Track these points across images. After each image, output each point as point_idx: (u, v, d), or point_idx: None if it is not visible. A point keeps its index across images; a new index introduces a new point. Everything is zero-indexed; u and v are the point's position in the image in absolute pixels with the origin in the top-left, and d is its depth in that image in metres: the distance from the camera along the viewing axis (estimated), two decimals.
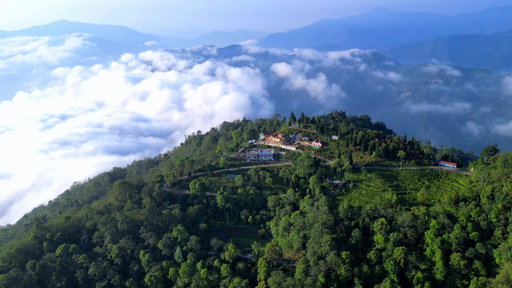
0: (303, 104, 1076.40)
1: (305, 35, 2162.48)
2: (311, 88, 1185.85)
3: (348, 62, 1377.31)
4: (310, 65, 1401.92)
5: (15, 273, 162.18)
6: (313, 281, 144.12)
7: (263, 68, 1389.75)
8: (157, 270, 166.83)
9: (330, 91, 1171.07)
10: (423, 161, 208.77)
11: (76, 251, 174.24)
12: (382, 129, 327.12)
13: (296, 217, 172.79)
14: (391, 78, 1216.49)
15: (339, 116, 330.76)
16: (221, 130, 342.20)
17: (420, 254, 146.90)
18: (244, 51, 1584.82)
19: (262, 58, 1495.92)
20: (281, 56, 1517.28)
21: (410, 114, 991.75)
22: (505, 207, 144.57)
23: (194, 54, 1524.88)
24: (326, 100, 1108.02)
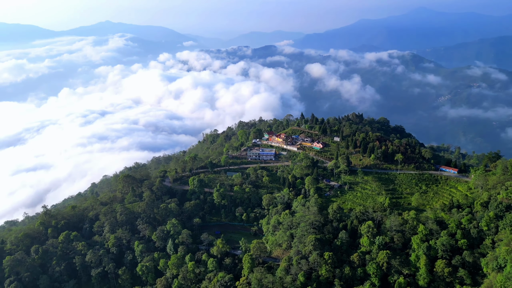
0: (334, 106, 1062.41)
1: (342, 36, 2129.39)
2: (344, 90, 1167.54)
3: (385, 64, 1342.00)
4: (345, 66, 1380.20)
5: (20, 256, 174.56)
6: (292, 280, 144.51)
7: (296, 68, 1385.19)
8: (148, 260, 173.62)
9: (364, 93, 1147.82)
10: (423, 166, 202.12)
11: (77, 239, 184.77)
12: (400, 133, 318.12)
13: (285, 216, 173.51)
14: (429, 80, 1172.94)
15: (356, 118, 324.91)
16: (236, 129, 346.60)
17: (405, 259, 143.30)
18: (279, 52, 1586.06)
19: (296, 59, 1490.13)
20: (315, 57, 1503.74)
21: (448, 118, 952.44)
22: (497, 216, 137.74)
23: (229, 54, 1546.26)
24: (359, 102, 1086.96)
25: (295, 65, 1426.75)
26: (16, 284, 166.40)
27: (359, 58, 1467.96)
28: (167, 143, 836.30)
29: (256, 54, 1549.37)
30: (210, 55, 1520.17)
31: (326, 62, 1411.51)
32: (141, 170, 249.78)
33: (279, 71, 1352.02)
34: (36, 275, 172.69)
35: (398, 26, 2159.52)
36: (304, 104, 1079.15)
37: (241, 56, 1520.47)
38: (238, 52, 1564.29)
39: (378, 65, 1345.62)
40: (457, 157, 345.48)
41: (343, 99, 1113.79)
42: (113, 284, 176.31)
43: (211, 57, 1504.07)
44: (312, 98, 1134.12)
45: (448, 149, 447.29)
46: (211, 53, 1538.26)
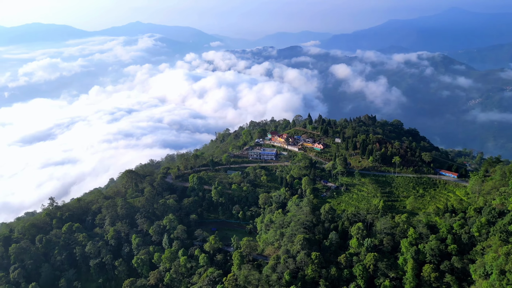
0: (358, 107, 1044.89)
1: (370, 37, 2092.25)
2: (369, 91, 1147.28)
3: (413, 65, 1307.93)
4: (372, 67, 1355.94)
5: (25, 244, 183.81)
6: (278, 278, 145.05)
7: (321, 69, 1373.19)
8: (144, 253, 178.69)
9: (390, 95, 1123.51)
10: (422, 169, 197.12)
11: (79, 230, 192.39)
12: (414, 136, 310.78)
13: (278, 215, 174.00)
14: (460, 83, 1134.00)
15: (369, 120, 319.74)
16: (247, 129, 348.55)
17: (393, 262, 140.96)
18: (304, 52, 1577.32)
19: (321, 60, 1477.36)
20: (341, 58, 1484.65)
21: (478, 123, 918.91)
22: (489, 222, 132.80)
23: (254, 54, 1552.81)
24: (383, 104, 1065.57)
25: (320, 66, 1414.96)
26: (19, 271, 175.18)
27: (387, 59, 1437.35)
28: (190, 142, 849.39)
29: (281, 55, 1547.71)
30: (235, 55, 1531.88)
31: (352, 63, 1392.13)
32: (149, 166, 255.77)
33: (303, 71, 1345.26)
34: (39, 263, 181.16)
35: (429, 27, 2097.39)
36: (327, 105, 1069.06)
37: (266, 57, 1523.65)
38: (263, 53, 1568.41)
39: (406, 67, 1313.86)
40: (478, 163, 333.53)
41: (367, 101, 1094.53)
42: (111, 275, 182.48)
43: (236, 57, 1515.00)
44: (335, 99, 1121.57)
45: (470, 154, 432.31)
46: (236, 53, 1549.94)
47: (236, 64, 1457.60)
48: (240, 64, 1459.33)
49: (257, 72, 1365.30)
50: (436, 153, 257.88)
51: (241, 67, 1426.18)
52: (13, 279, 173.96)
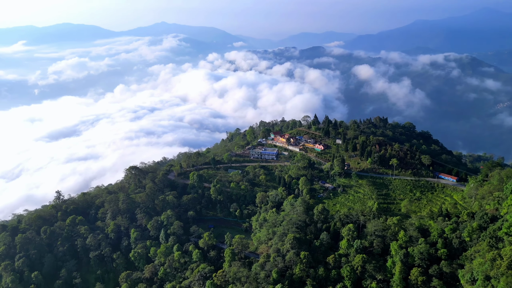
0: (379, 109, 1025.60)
1: (396, 37, 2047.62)
2: (392, 93, 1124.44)
3: (439, 67, 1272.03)
4: (396, 68, 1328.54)
5: (31, 235, 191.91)
6: (266, 276, 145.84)
7: (343, 70, 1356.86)
8: (141, 248, 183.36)
9: (413, 97, 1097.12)
10: (420, 172, 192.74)
11: (81, 223, 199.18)
12: (426, 139, 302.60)
13: (272, 214, 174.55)
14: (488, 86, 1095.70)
15: (380, 122, 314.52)
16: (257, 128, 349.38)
17: (382, 264, 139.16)
18: (327, 53, 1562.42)
19: (344, 60, 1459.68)
20: (365, 59, 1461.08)
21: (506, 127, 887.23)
22: (481, 227, 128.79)
23: (276, 55, 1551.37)
24: (406, 106, 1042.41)
25: (343, 66, 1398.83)
26: (24, 260, 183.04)
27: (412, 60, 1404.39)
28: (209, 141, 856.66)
29: (303, 55, 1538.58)
30: (257, 55, 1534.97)
31: (375, 64, 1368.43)
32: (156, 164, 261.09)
33: (325, 72, 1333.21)
34: (43, 253, 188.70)
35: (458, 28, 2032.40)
36: (348, 106, 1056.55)
37: (288, 57, 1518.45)
38: (285, 53, 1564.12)
39: (431, 68, 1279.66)
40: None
41: (389, 103, 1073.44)
42: (110, 267, 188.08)
43: (258, 58, 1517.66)
44: (356, 101, 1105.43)
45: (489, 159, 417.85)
46: (258, 54, 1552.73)
47: (257, 64, 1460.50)
48: (262, 64, 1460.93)
49: (278, 72, 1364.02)
50: (447, 157, 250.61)
51: (263, 67, 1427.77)
52: (18, 267, 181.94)
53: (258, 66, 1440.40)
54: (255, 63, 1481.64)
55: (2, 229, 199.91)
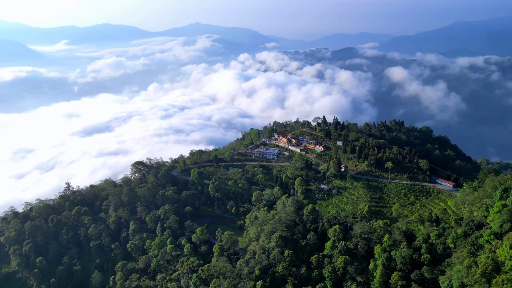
0: (410, 112, 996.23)
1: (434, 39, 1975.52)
2: (425, 96, 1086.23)
3: (478, 70, 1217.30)
4: (431, 71, 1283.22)
5: (39, 223, 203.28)
6: (249, 272, 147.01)
7: (376, 72, 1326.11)
8: (138, 239, 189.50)
9: (448, 100, 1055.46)
10: (417, 176, 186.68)
11: (85, 213, 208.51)
12: (443, 144, 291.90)
13: (263, 213, 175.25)
14: None
15: (396, 125, 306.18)
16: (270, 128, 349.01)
17: (364, 267, 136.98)
18: (360, 55, 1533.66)
19: (377, 62, 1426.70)
20: (399, 61, 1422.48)
21: None
22: (466, 233, 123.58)
23: (307, 56, 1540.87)
24: (439, 110, 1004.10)
25: (375, 68, 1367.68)
26: (31, 246, 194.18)
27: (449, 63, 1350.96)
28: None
29: (335, 56, 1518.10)
30: (288, 56, 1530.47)
31: (410, 66, 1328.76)
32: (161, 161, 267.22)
33: (356, 74, 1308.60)
34: (49, 240, 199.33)
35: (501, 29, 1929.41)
36: (377, 109, 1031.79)
37: (319, 58, 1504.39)
38: (317, 54, 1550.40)
39: (469, 71, 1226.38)
40: None
41: (421, 106, 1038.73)
42: (109, 257, 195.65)
43: (289, 58, 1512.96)
44: (387, 103, 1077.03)
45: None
46: (289, 54, 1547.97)
47: (288, 65, 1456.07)
48: (292, 65, 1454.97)
49: (309, 73, 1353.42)
50: (461, 163, 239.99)
51: (293, 68, 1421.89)
52: (25, 252, 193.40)
53: (288, 67, 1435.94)
54: (286, 63, 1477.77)
55: (14, 216, 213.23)
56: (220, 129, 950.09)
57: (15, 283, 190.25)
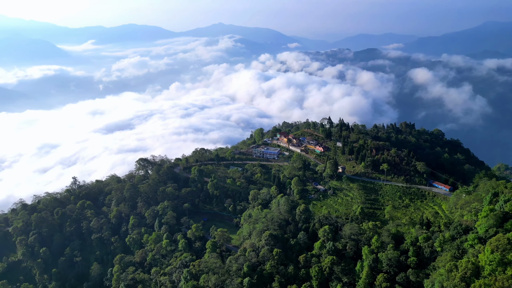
0: (433, 115, 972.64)
1: (461, 40, 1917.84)
2: (449, 99, 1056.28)
3: (507, 72, 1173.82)
4: (457, 73, 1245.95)
5: (45, 215, 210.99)
6: (238, 269, 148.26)
7: (399, 73, 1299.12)
8: (136, 234, 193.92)
9: (473, 103, 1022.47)
10: (413, 179, 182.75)
11: (89, 207, 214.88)
12: (454, 148, 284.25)
13: (257, 211, 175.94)
14: None
15: (406, 128, 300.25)
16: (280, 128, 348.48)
17: (352, 267, 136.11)
18: (383, 56, 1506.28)
19: (401, 63, 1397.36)
20: (423, 62, 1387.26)
21: None
22: (453, 237, 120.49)
23: (328, 56, 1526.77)
24: (463, 113, 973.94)
25: (398, 70, 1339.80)
26: (36, 237, 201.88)
27: (476, 64, 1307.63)
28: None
29: (357, 57, 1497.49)
30: (309, 56, 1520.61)
31: (435, 67, 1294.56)
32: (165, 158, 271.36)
33: (378, 75, 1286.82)
34: (53, 232, 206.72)
35: None
36: (398, 111, 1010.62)
37: (341, 59, 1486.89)
38: (338, 55, 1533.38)
39: (497, 74, 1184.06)
40: None
41: (444, 109, 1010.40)
42: (109, 250, 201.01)
43: (310, 59, 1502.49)
44: (408, 106, 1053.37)
45: None
46: (310, 55, 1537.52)
47: (309, 65, 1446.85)
48: (313, 65, 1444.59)
49: (329, 74, 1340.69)
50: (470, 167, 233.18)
51: (314, 69, 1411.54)
52: (30, 242, 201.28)
53: (309, 67, 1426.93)
54: (307, 64, 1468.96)
55: (23, 208, 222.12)
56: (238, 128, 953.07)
57: (21, 271, 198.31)
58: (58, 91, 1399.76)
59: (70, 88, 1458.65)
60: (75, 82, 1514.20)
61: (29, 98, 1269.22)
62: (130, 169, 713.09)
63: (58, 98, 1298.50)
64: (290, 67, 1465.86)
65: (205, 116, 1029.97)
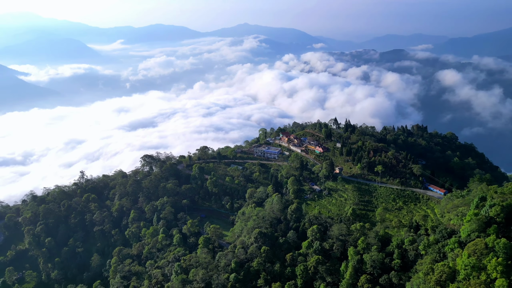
0: (460, 118, 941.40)
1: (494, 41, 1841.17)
2: (477, 102, 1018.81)
3: None
4: (487, 75, 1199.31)
5: (53, 206, 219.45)
6: (226, 265, 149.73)
7: (426, 75, 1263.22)
8: (135, 227, 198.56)
9: (503, 107, 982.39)
10: (408, 182, 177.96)
11: (93, 200, 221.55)
12: (468, 151, 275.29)
13: (250, 209, 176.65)
14: None
15: (418, 130, 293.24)
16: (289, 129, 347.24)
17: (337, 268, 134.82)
18: (410, 57, 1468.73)
19: (428, 65, 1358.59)
20: (452, 64, 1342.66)
21: None
22: (437, 241, 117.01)
23: (353, 57, 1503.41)
24: (492, 117, 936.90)
25: (425, 71, 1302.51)
26: (42, 227, 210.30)
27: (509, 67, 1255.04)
28: None
29: (383, 58, 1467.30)
30: (333, 57, 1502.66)
31: (464, 69, 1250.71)
32: None
33: (404, 77, 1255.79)
34: (59, 223, 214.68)
35: None
36: (423, 113, 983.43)
37: (366, 60, 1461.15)
38: (364, 55, 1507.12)
39: None
40: None
41: (472, 112, 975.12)
42: (110, 242, 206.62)
43: (334, 59, 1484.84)
44: (434, 108, 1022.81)
45: None
46: (334, 55, 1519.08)
47: (333, 66, 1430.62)
48: (337, 66, 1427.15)
49: (353, 75, 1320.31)
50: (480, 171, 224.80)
51: (338, 69, 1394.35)
52: (37, 232, 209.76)
53: (333, 68, 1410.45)
54: (330, 64, 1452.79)
55: (33, 199, 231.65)
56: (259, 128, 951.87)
57: (27, 259, 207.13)
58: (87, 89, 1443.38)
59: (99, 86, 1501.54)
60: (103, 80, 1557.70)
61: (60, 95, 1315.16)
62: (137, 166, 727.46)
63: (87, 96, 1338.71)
64: (314, 68, 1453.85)
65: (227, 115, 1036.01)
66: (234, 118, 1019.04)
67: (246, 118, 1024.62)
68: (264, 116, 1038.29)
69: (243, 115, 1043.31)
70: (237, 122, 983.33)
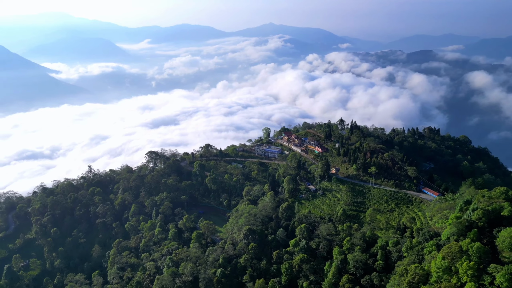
0: (487, 121, 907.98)
1: None
2: (508, 105, 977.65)
3: None
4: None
5: (60, 198, 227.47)
6: (215, 260, 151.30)
7: (454, 77, 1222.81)
8: (134, 221, 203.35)
9: None
10: (402, 184, 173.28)
11: (98, 194, 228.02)
12: (482, 155, 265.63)
13: (244, 206, 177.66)
14: None
15: (430, 133, 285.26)
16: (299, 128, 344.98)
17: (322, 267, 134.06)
18: (439, 58, 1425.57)
19: (457, 66, 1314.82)
20: (483, 65, 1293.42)
21: None
22: (420, 243, 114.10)
23: (379, 57, 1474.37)
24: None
25: (454, 73, 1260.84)
26: (49, 218, 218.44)
27: None
28: None
29: (410, 59, 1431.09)
30: (358, 57, 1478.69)
31: (495, 71, 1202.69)
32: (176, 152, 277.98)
33: (431, 78, 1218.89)
34: (65, 214, 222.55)
35: None
36: (448, 116, 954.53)
37: (392, 60, 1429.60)
38: (390, 56, 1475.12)
39: None
40: None
41: (501, 116, 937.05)
42: (111, 234, 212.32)
43: (359, 60, 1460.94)
44: (460, 111, 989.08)
45: None
46: (359, 56, 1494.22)
47: (357, 66, 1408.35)
48: (362, 66, 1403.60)
49: (378, 75, 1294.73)
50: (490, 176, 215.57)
51: (362, 70, 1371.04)
52: (44, 222, 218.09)
53: (357, 68, 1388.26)
54: (355, 65, 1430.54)
55: (42, 191, 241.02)
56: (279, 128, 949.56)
57: (34, 248, 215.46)
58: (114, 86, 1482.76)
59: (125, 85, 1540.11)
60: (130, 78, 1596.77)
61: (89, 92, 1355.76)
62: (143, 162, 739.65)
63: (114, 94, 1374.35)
64: (338, 68, 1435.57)
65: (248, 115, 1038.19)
66: (255, 117, 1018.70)
67: (266, 118, 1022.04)
68: (285, 116, 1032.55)
69: (264, 114, 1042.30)
70: (257, 122, 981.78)
